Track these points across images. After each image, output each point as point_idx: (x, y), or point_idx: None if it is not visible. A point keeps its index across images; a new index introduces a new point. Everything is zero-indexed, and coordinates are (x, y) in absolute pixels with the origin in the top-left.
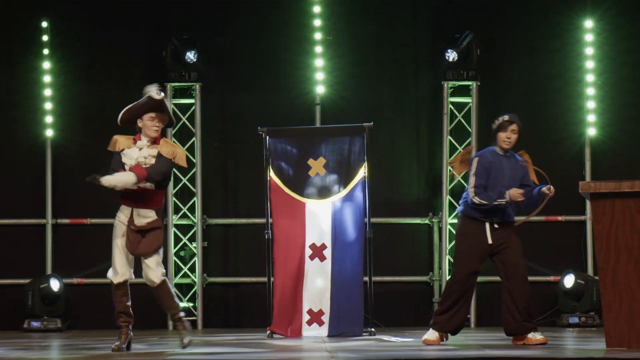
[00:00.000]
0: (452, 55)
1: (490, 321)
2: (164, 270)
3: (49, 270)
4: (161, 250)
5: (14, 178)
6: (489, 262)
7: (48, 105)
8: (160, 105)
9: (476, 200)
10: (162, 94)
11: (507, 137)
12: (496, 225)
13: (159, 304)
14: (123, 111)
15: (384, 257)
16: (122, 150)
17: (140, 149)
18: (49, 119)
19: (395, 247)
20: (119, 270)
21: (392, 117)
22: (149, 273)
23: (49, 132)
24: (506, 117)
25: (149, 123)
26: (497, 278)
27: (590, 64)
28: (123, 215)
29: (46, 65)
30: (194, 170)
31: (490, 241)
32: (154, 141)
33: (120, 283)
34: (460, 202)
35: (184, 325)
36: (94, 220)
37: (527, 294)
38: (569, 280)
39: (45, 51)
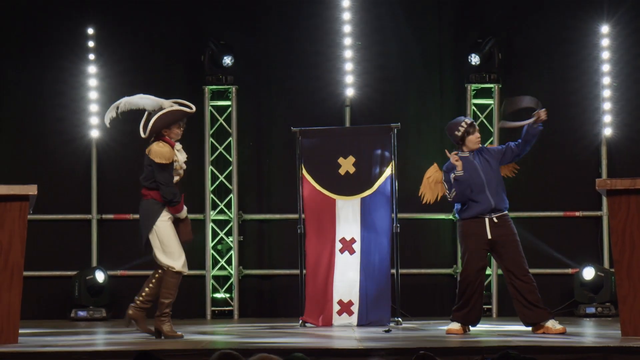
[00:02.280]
0: (475, 59)
1: (512, 310)
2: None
3: (94, 263)
4: (164, 244)
5: (61, 176)
6: None
7: (93, 107)
8: (190, 114)
9: (451, 199)
10: (194, 108)
11: (477, 137)
12: (495, 220)
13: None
14: (154, 122)
15: (410, 250)
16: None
17: (179, 151)
18: (94, 120)
19: (421, 241)
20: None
21: (418, 118)
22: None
23: (94, 133)
24: (467, 121)
25: (178, 131)
26: None
27: (606, 67)
28: (165, 210)
29: (92, 69)
30: (231, 168)
31: (489, 236)
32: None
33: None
34: (454, 210)
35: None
36: (136, 216)
37: (532, 286)
38: (588, 273)
39: (91, 56)
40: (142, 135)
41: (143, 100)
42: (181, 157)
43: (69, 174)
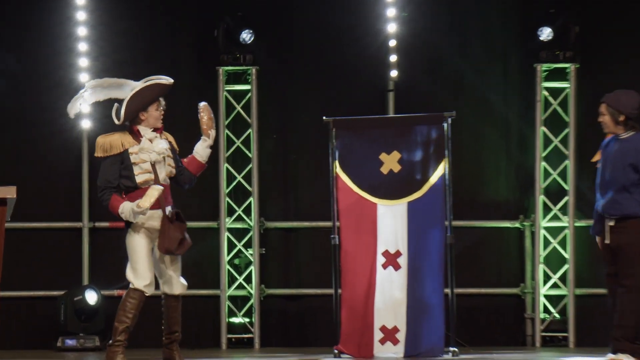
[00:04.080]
0: (546, 34)
1: (594, 339)
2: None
3: (85, 281)
4: (130, 259)
5: (46, 176)
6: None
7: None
8: (167, 89)
9: None
10: (171, 80)
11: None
12: (611, 223)
13: (169, 317)
14: (127, 103)
15: (468, 265)
16: (127, 149)
17: (152, 140)
18: (84, 108)
19: (481, 254)
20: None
21: (477, 105)
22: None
23: (85, 123)
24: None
25: (155, 113)
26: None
27: None
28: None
29: (82, 46)
30: (250, 166)
31: (607, 240)
32: (160, 131)
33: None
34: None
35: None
36: None
37: (625, 308)
38: None
39: (81, 30)
40: (116, 121)
41: (111, 88)
42: (157, 145)
43: (56, 173)
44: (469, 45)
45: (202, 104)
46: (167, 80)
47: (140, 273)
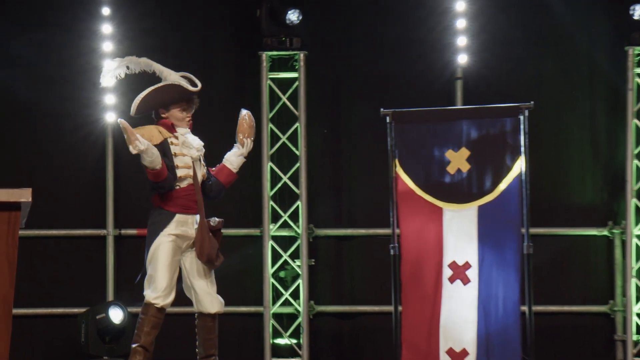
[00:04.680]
0: (638, 12)
1: None
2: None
3: (109, 296)
4: (150, 267)
5: (65, 176)
6: None
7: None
8: (194, 93)
9: None
10: (200, 85)
11: None
12: None
13: (204, 339)
14: (141, 98)
15: (548, 279)
16: (166, 138)
17: (182, 138)
18: (109, 99)
19: (564, 266)
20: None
21: (558, 95)
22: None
23: (110, 116)
24: None
25: (178, 114)
26: None
27: None
28: (173, 223)
29: (106, 28)
30: (298, 165)
31: None
32: (190, 129)
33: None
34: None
35: None
36: None
37: None
38: None
39: (105, 10)
40: (131, 112)
41: (154, 64)
42: (195, 141)
43: (76, 174)
44: (550, 26)
45: (245, 111)
46: (195, 85)
47: (155, 283)
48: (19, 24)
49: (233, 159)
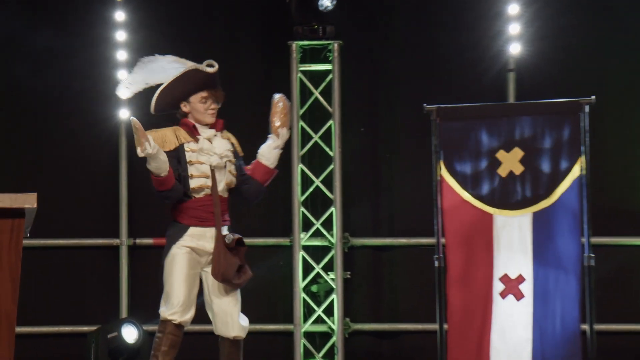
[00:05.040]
0: None
1: None
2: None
3: (123, 313)
4: (165, 283)
5: (74, 180)
6: None
7: (122, 73)
8: (213, 79)
9: None
10: (216, 65)
11: None
12: None
13: None
14: (158, 93)
15: (613, 294)
16: (182, 144)
17: (211, 140)
18: (124, 93)
19: (630, 280)
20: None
21: (623, 89)
22: None
23: (124, 113)
24: None
25: (199, 106)
26: None
27: None
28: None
29: (119, 15)
30: (331, 167)
31: None
32: (219, 128)
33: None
34: None
35: None
36: None
37: None
38: None
39: None
40: (151, 109)
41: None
42: (218, 146)
43: (87, 177)
44: (615, 11)
45: (278, 96)
46: (209, 67)
47: (171, 299)
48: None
49: (268, 153)
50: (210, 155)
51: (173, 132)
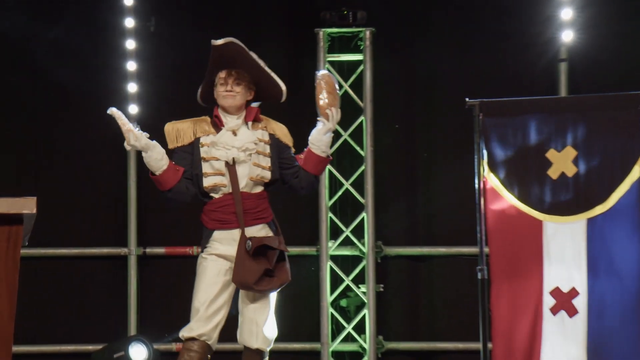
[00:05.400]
0: None
1: None
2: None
3: (131, 330)
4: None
5: (78, 183)
6: None
7: (130, 65)
8: (229, 55)
9: None
10: (228, 38)
11: None
12: None
13: None
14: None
15: None
16: (198, 138)
17: (236, 131)
18: (131, 87)
19: None
20: None
21: None
22: None
23: (132, 108)
24: None
25: (220, 90)
26: None
27: None
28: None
29: (127, 1)
30: (362, 168)
31: None
32: (253, 118)
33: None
34: None
35: None
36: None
37: None
38: None
39: None
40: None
41: None
42: (241, 138)
43: (92, 179)
44: None
45: (322, 72)
46: (216, 41)
47: (193, 310)
48: None
49: (319, 139)
50: (228, 149)
51: (192, 124)
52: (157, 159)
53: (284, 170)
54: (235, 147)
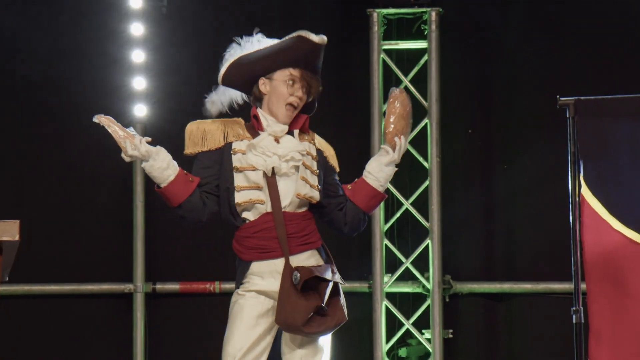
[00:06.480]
0: None
1: None
2: None
3: None
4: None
5: (75, 204)
6: None
7: (137, 56)
8: (314, 59)
9: None
10: (323, 37)
11: None
12: None
13: None
14: (236, 58)
15: None
16: (230, 143)
17: (278, 138)
18: (139, 83)
19: None
20: None
21: None
22: None
23: (140, 110)
24: None
25: (283, 88)
26: None
27: None
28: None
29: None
30: (427, 184)
31: None
32: (301, 128)
33: None
34: None
35: None
36: (225, 286)
37: None
38: None
39: None
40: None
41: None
42: (286, 145)
43: (91, 202)
44: None
45: (397, 90)
46: (314, 36)
47: (226, 352)
48: None
49: (379, 169)
50: (269, 156)
51: (223, 126)
52: (161, 168)
53: (328, 198)
54: (277, 155)
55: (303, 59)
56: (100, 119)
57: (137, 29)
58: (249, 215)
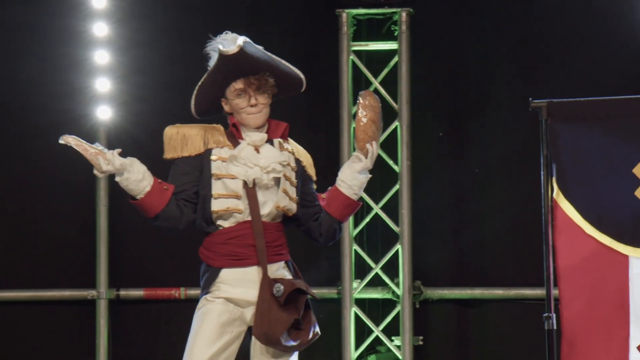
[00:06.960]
0: None
1: None
2: None
3: None
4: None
5: (36, 211)
6: None
7: (100, 57)
8: (247, 60)
9: None
10: (240, 41)
11: None
12: None
13: None
14: (196, 89)
15: None
16: (210, 149)
17: (257, 147)
18: (101, 84)
19: None
20: None
21: None
22: None
23: (103, 112)
24: None
25: (237, 103)
26: None
27: None
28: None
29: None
30: (397, 188)
31: None
32: (279, 134)
33: None
34: None
35: None
36: (191, 292)
37: None
38: None
39: None
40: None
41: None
42: (266, 156)
43: (50, 205)
44: None
45: (366, 93)
46: (227, 47)
47: (187, 353)
48: None
49: (352, 177)
50: (249, 167)
51: (203, 131)
52: (137, 180)
53: (304, 208)
54: (258, 166)
55: (237, 69)
56: (67, 139)
57: (100, 29)
58: (224, 223)
